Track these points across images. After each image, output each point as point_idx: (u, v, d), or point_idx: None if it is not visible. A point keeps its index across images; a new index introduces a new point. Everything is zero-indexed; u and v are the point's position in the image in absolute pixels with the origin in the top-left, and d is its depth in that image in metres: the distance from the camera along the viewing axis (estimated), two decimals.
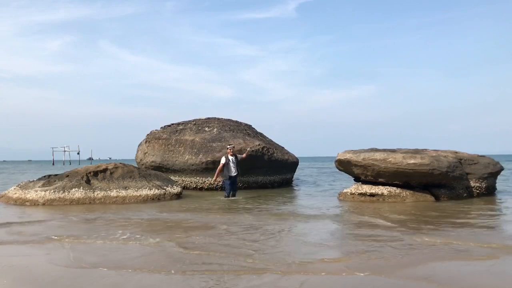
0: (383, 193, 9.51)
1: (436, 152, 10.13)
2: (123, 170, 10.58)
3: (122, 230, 5.83)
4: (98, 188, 9.77)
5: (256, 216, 7.33)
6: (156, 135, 14.71)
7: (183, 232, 5.71)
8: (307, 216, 7.34)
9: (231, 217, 7.23)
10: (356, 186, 10.11)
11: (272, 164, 13.90)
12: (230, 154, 10.69)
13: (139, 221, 6.78)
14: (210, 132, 14.17)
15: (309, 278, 3.51)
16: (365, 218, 6.96)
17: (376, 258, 4.16)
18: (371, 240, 5.08)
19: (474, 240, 5.03)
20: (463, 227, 6.11)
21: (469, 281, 3.48)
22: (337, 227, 6.51)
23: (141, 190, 10.05)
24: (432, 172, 9.14)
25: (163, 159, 13.76)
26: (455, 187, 9.92)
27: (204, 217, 7.24)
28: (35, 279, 3.60)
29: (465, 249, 4.60)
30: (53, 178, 10.37)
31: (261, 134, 15.54)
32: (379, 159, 9.33)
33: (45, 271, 3.86)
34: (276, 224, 6.38)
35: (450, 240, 5.04)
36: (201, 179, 13.21)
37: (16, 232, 5.87)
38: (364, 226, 6.24)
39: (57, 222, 6.76)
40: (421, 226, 6.08)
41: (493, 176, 10.91)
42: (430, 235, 5.35)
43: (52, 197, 9.31)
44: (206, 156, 12.98)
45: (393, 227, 6.01)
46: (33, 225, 6.54)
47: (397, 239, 5.15)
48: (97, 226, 6.30)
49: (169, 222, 6.74)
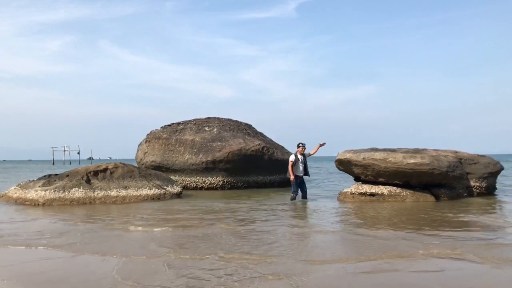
0: (383, 193, 9.51)
1: (436, 152, 10.13)
2: (123, 170, 10.58)
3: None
4: (98, 188, 9.77)
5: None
6: (156, 135, 14.71)
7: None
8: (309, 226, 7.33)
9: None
10: (356, 185, 10.11)
11: (273, 164, 13.91)
12: (300, 153, 10.04)
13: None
14: (210, 132, 14.17)
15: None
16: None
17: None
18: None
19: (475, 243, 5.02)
20: (461, 227, 6.11)
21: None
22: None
23: (141, 189, 10.06)
24: (432, 171, 9.14)
25: (163, 159, 13.76)
26: (455, 187, 9.92)
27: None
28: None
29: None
30: (53, 177, 10.37)
31: (261, 134, 15.54)
32: (379, 159, 9.33)
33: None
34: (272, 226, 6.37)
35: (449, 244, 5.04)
36: (201, 178, 13.21)
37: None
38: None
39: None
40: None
41: (493, 176, 10.91)
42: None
43: (52, 196, 9.31)
44: (206, 156, 12.98)
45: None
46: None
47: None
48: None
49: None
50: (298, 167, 9.97)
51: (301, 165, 9.99)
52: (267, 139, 15.25)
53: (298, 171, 9.98)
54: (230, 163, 12.95)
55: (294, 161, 9.92)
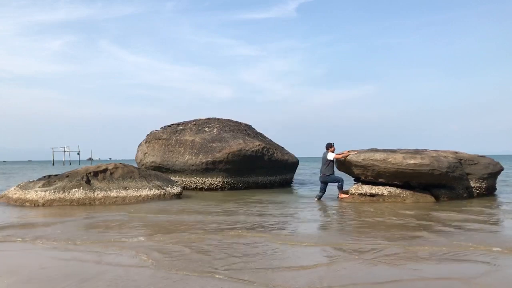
0: (383, 193, 9.51)
1: (436, 153, 10.12)
2: (123, 171, 10.58)
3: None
4: (98, 189, 9.76)
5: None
6: (156, 136, 14.71)
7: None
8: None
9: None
10: (356, 186, 10.11)
11: (272, 165, 13.91)
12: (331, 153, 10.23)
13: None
14: (210, 133, 14.17)
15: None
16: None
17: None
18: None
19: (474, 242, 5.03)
20: (460, 228, 6.11)
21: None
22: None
23: (141, 190, 10.05)
24: (432, 172, 9.13)
25: (163, 160, 13.76)
26: (455, 188, 9.92)
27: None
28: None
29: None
30: (53, 178, 10.36)
31: (261, 135, 15.54)
32: (379, 159, 9.33)
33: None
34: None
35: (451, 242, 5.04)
36: (201, 179, 13.21)
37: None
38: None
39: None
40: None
41: (493, 176, 10.90)
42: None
43: (52, 197, 9.31)
44: (206, 157, 12.97)
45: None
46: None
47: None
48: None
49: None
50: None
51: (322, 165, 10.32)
52: (267, 140, 15.25)
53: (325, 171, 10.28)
54: (230, 164, 12.95)
55: (332, 160, 10.19)
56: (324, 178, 10.32)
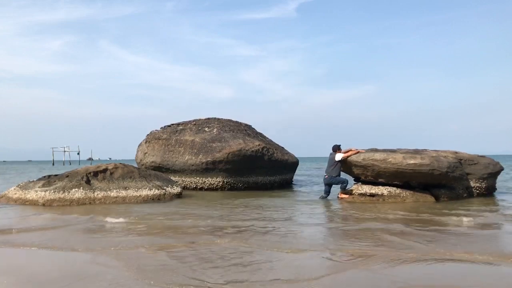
0: (383, 193, 9.52)
1: (436, 153, 10.13)
2: (123, 171, 10.58)
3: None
4: (98, 189, 9.76)
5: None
6: (156, 135, 14.71)
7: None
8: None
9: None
10: (356, 186, 10.12)
11: (272, 165, 13.90)
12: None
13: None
14: (210, 133, 14.17)
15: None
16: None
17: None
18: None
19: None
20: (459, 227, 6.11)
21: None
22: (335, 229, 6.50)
23: (141, 190, 10.06)
24: (432, 172, 9.14)
25: (163, 160, 13.76)
26: (455, 188, 9.93)
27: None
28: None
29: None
30: (53, 178, 10.37)
31: (261, 134, 15.54)
32: (379, 159, 9.34)
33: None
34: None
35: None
36: (201, 179, 13.21)
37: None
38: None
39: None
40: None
41: (493, 176, 10.91)
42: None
43: (52, 197, 9.31)
44: (206, 157, 12.97)
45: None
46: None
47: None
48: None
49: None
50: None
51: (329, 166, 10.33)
52: (267, 140, 15.25)
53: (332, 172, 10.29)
54: (230, 164, 12.95)
55: (340, 161, 10.17)
56: (329, 180, 10.32)
